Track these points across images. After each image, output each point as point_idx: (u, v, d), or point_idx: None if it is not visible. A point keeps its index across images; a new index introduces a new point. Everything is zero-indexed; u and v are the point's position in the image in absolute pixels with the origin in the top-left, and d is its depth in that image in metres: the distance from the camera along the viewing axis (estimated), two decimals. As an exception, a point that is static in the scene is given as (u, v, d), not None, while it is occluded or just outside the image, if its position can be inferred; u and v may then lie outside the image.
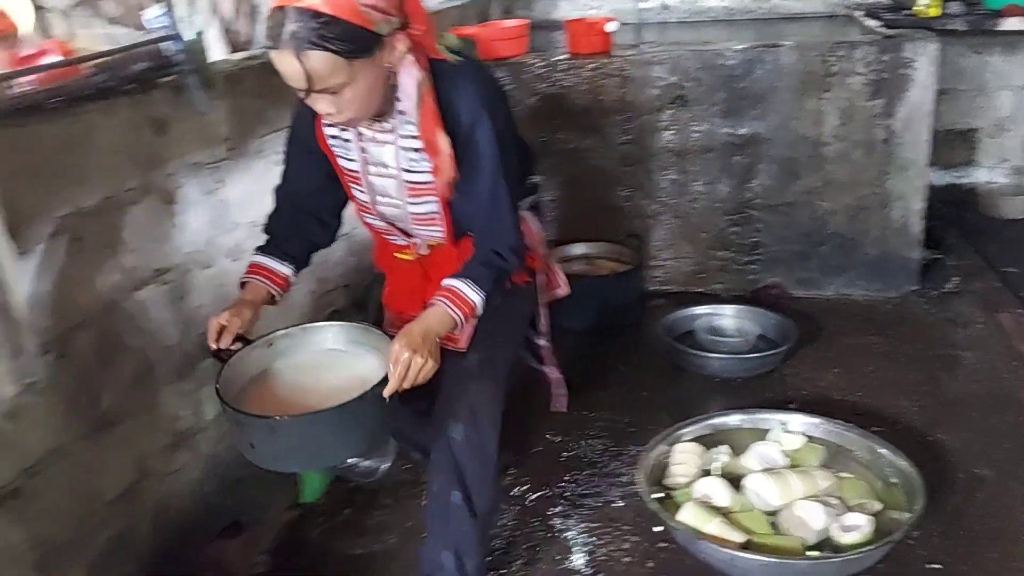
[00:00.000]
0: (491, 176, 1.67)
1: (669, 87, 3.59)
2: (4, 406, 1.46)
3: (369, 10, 1.46)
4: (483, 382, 1.82)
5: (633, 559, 2.24)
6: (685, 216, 3.76)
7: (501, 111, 1.68)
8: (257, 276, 1.81)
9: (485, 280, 1.71)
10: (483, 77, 1.67)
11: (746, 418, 2.58)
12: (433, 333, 1.63)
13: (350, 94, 1.51)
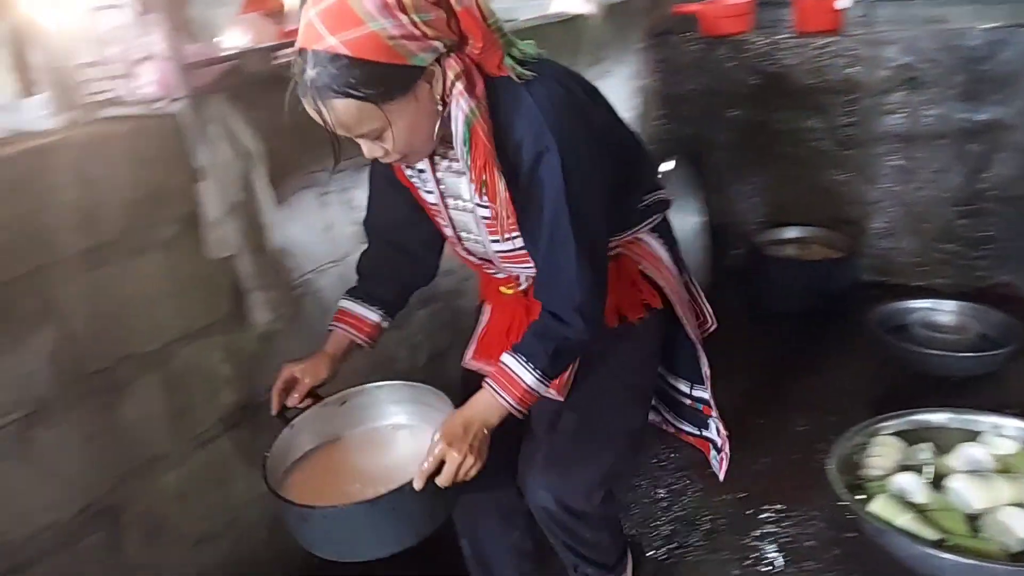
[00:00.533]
0: (552, 218, 1.35)
1: (901, 68, 3.42)
2: (259, 329, 1.72)
3: (402, 42, 1.20)
4: (578, 446, 1.59)
5: (817, 543, 2.23)
6: (908, 205, 3.57)
7: (578, 134, 1.33)
8: (342, 324, 1.61)
9: (540, 355, 1.40)
10: (555, 93, 1.32)
11: (955, 417, 2.45)
12: (478, 424, 1.38)
13: (392, 137, 1.29)
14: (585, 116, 1.36)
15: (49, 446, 1.38)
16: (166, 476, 1.60)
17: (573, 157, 1.31)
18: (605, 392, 1.60)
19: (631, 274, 1.59)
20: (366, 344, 1.63)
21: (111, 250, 1.45)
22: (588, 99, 1.40)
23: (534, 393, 1.41)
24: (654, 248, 1.60)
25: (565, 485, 1.58)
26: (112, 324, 1.47)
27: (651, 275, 1.59)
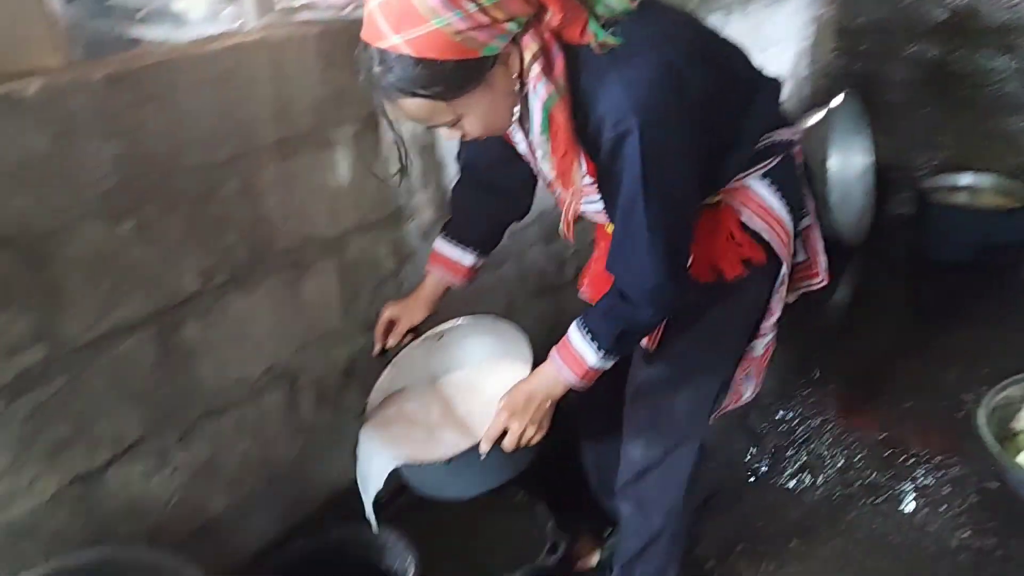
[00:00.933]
0: (628, 203, 1.26)
1: None
2: (425, 226, 1.86)
3: (470, 35, 1.12)
4: (670, 397, 1.58)
5: (954, 489, 2.19)
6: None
7: (666, 113, 1.22)
8: (438, 268, 1.62)
9: (605, 336, 1.35)
10: (643, 66, 1.21)
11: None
12: (540, 397, 1.40)
13: (468, 124, 1.25)
14: (678, 89, 1.22)
15: (242, 311, 1.57)
16: (336, 351, 1.78)
17: (657, 140, 1.21)
18: (694, 347, 1.54)
19: (729, 226, 1.45)
20: (463, 284, 1.64)
21: (301, 143, 1.61)
22: (685, 62, 1.24)
23: (598, 371, 1.39)
24: (762, 195, 1.44)
25: (651, 432, 1.60)
26: (298, 210, 1.64)
27: (755, 227, 1.44)
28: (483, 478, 1.53)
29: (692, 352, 1.54)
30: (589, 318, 1.38)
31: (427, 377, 1.75)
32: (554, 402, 1.42)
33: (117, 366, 1.39)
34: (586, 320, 1.38)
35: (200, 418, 1.54)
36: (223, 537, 1.62)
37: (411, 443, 1.58)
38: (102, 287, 1.35)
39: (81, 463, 1.37)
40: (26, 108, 1.21)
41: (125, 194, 1.35)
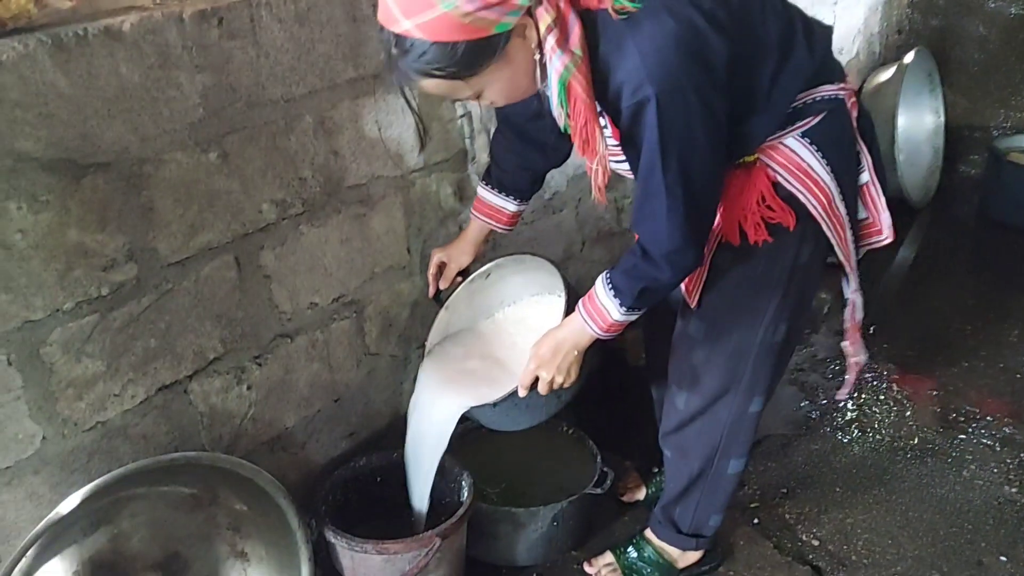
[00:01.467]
0: (647, 170, 1.29)
1: None
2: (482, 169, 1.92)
3: (480, 14, 1.15)
4: (707, 352, 1.61)
5: (1005, 448, 2.20)
6: None
7: (686, 80, 1.22)
8: (481, 215, 1.72)
9: (627, 292, 1.41)
10: (661, 32, 1.20)
11: None
12: (567, 347, 1.49)
13: (490, 96, 1.29)
14: (697, 54, 1.22)
15: (314, 241, 1.67)
16: (401, 284, 1.86)
17: (674, 108, 1.23)
18: (728, 306, 1.56)
19: (760, 188, 1.45)
20: (506, 230, 1.75)
21: (371, 84, 1.68)
22: (705, 25, 1.23)
23: (621, 324, 1.45)
24: (800, 155, 1.43)
25: (693, 385, 1.65)
26: (368, 147, 1.71)
27: (790, 189, 1.44)
28: (528, 415, 1.67)
29: (726, 309, 1.57)
30: (614, 275, 1.43)
31: (482, 314, 1.85)
32: (581, 351, 1.50)
33: (201, 286, 1.50)
34: (611, 276, 1.44)
35: (274, 340, 1.65)
36: (292, 451, 1.74)
37: (466, 383, 1.69)
38: (189, 212, 1.45)
39: (167, 374, 1.49)
40: (123, 42, 1.31)
41: (211, 125, 1.44)
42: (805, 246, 1.51)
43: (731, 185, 1.46)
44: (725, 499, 1.79)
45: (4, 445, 1.31)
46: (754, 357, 1.60)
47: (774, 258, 1.51)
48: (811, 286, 1.60)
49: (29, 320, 1.29)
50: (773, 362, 1.62)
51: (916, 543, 1.94)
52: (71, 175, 1.29)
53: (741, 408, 1.65)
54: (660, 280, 1.41)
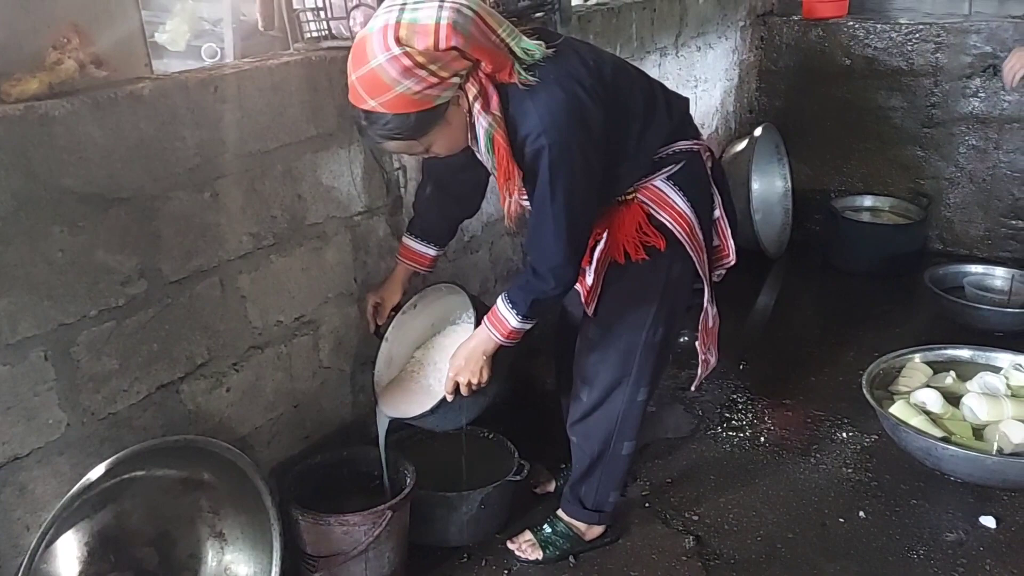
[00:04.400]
0: (540, 201, 1.71)
1: (983, 56, 3.75)
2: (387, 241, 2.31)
3: (426, 93, 1.57)
4: (602, 352, 2.02)
5: (844, 439, 2.70)
6: (980, 182, 3.92)
7: (570, 135, 1.66)
8: (406, 260, 2.12)
9: (521, 303, 1.80)
10: (553, 99, 1.65)
11: (979, 353, 2.87)
12: (477, 354, 1.87)
13: (436, 149, 1.72)
14: (579, 115, 1.66)
15: (280, 269, 2.00)
16: (348, 308, 2.20)
17: (563, 156, 1.65)
18: (617, 313, 1.98)
19: (637, 218, 1.90)
20: (427, 271, 2.15)
21: (328, 140, 2.06)
22: (587, 95, 1.67)
23: (520, 331, 1.84)
24: (667, 194, 1.90)
25: (592, 380, 2.05)
26: (323, 192, 2.07)
27: (660, 219, 1.90)
28: (462, 415, 2.04)
29: (616, 316, 2.00)
30: (511, 291, 1.84)
31: (414, 343, 2.21)
32: (488, 356, 1.89)
33: (193, 302, 1.81)
34: (508, 293, 1.84)
35: (248, 350, 1.96)
36: (259, 448, 2.03)
37: (411, 398, 2.08)
38: (186, 240, 1.78)
39: (164, 375, 1.79)
40: (143, 103, 1.65)
41: (205, 170, 1.79)
42: (675, 264, 1.98)
43: (615, 217, 1.93)
44: (621, 476, 2.19)
45: (38, 428, 1.57)
46: (639, 354, 2.03)
47: (652, 274, 1.97)
48: (682, 296, 2.05)
49: (63, 323, 1.58)
50: (655, 359, 2.06)
51: (774, 513, 2.39)
52: (100, 206, 1.61)
53: (631, 397, 2.07)
54: (546, 291, 1.80)
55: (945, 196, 4.00)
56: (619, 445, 2.13)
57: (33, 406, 1.56)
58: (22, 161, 1.47)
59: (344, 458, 2.15)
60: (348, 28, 2.15)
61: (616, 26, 3.08)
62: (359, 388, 2.28)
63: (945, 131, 3.92)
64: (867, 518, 2.36)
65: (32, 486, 1.59)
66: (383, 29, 1.56)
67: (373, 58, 1.56)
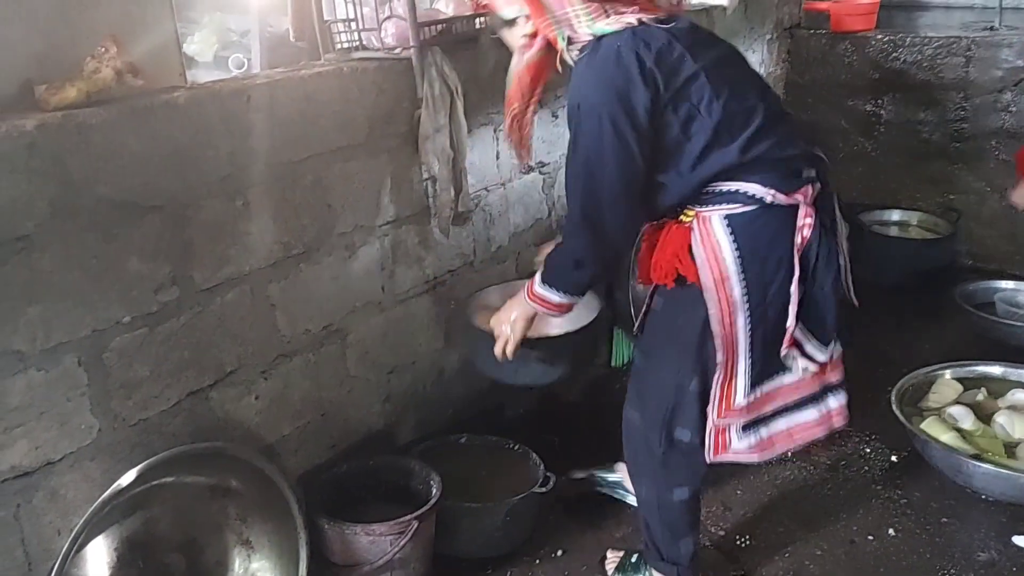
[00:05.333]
0: (568, 152, 1.72)
1: (1014, 70, 3.71)
2: (444, 223, 2.31)
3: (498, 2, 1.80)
4: (639, 383, 1.91)
5: (873, 454, 2.67)
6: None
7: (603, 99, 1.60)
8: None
9: (548, 269, 1.78)
10: (598, 66, 1.62)
11: (1011, 370, 2.83)
12: (511, 310, 1.86)
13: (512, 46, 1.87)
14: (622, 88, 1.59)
15: (310, 277, 2.01)
16: (376, 317, 2.22)
17: (590, 121, 1.61)
18: (656, 342, 1.87)
19: (679, 244, 1.73)
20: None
21: (357, 150, 2.08)
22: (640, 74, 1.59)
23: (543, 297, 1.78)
24: (716, 233, 1.68)
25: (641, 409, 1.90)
26: (352, 202, 2.09)
27: (696, 253, 1.69)
28: (514, 373, 2.03)
29: (656, 347, 1.88)
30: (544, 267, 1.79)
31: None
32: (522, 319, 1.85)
33: (223, 310, 1.83)
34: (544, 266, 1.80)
35: (277, 358, 1.97)
36: (286, 456, 2.04)
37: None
38: (218, 248, 1.79)
39: (194, 382, 1.80)
40: (178, 111, 1.67)
41: (237, 179, 1.80)
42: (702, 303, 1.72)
43: (662, 236, 1.79)
44: (683, 526, 1.97)
45: (70, 433, 1.59)
46: (674, 395, 1.82)
47: (691, 313, 1.75)
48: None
49: (96, 329, 1.60)
50: (690, 402, 1.81)
51: (802, 529, 2.35)
52: (135, 214, 1.63)
53: (668, 437, 1.85)
54: (560, 253, 1.76)
55: (975, 211, 3.95)
56: (668, 493, 1.93)
57: (66, 411, 1.57)
58: (59, 168, 1.49)
59: (370, 467, 2.15)
60: (380, 39, 2.17)
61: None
62: (386, 397, 2.29)
63: (975, 145, 3.88)
64: (897, 536, 2.32)
65: (64, 491, 1.60)
66: None
67: None
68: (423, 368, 2.40)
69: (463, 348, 2.12)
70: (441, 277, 2.41)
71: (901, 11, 4.73)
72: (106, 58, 1.56)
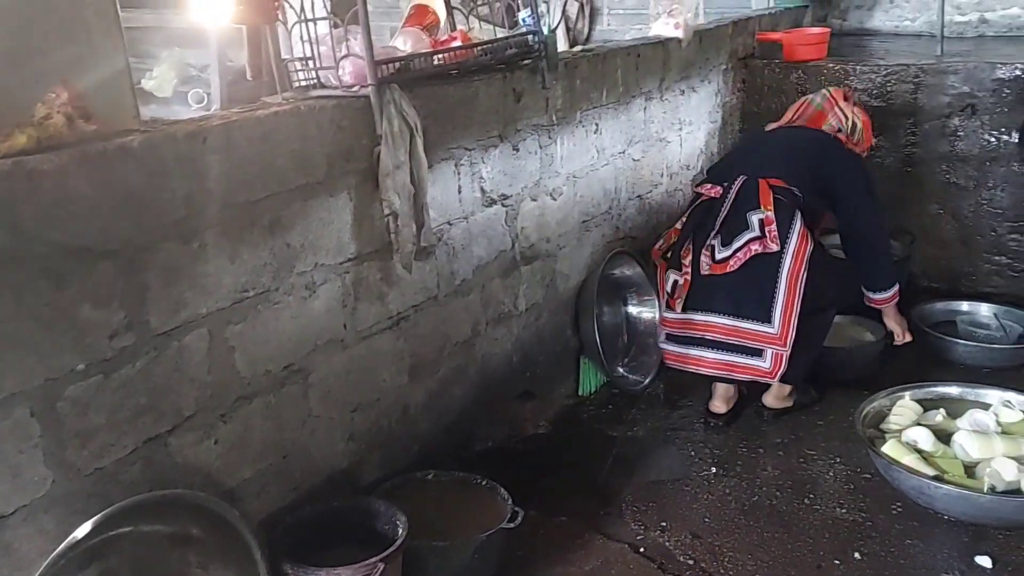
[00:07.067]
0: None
1: (960, 95, 3.82)
2: (406, 259, 2.30)
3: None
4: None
5: (838, 478, 2.69)
6: (962, 219, 3.95)
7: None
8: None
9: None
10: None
11: (968, 391, 2.88)
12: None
13: None
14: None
15: (269, 317, 1.99)
16: (339, 355, 2.19)
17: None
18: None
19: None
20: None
21: (316, 188, 2.06)
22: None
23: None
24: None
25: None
26: (312, 240, 2.07)
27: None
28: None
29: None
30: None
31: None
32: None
33: (181, 354, 1.80)
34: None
35: (236, 401, 1.94)
36: (247, 500, 2.00)
37: None
38: (175, 291, 1.77)
39: (151, 428, 1.76)
40: (132, 155, 1.65)
41: (194, 221, 1.78)
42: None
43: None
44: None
45: (23, 486, 1.55)
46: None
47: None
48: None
49: (49, 378, 1.56)
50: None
51: (769, 555, 2.36)
52: (88, 260, 1.60)
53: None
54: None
55: (929, 233, 4.04)
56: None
57: (18, 463, 1.54)
58: (9, 216, 1.47)
59: (334, 509, 2.12)
60: (337, 77, 2.17)
61: (602, 72, 3.11)
62: (349, 436, 2.26)
63: (927, 169, 3.97)
64: (862, 559, 2.34)
65: (17, 545, 1.56)
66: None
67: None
68: (387, 405, 2.38)
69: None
70: (405, 312, 2.39)
71: (851, 38, 4.87)
72: (57, 104, 1.54)
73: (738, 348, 2.81)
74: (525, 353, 2.94)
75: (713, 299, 2.83)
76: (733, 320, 2.80)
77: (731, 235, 2.80)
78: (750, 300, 2.78)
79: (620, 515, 2.54)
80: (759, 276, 2.76)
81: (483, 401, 2.76)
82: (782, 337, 2.75)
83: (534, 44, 2.65)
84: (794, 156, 2.99)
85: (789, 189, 2.83)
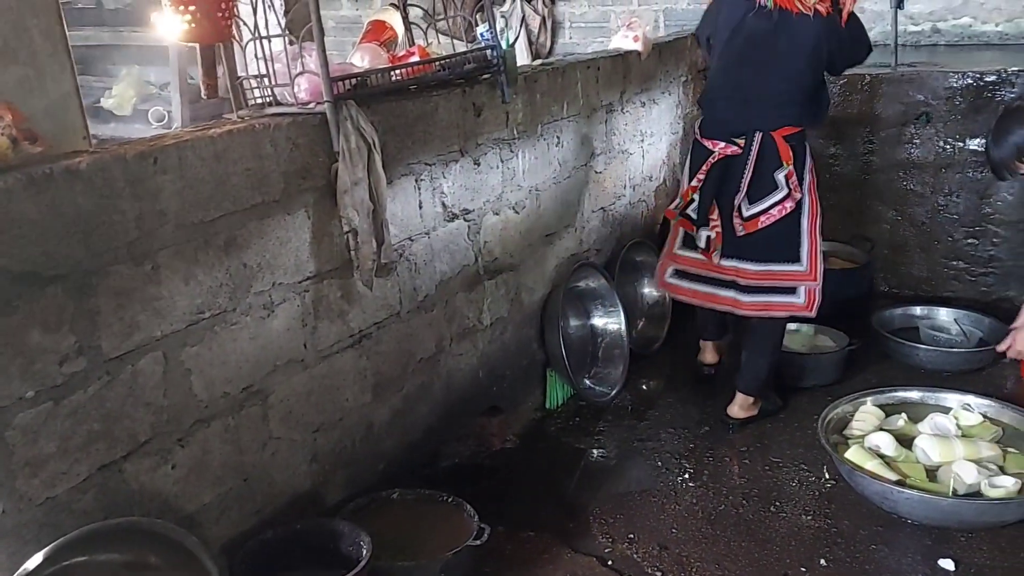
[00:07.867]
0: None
1: (915, 104, 3.88)
2: (367, 275, 2.28)
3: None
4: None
5: (803, 485, 2.71)
6: (920, 225, 4.02)
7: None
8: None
9: None
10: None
11: (928, 395, 2.92)
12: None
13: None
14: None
15: (227, 339, 1.96)
16: (300, 375, 2.17)
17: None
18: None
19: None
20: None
21: (273, 207, 2.04)
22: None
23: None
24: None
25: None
26: (269, 259, 2.05)
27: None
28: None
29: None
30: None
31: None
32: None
33: (135, 378, 1.76)
34: None
35: (194, 424, 1.91)
36: (207, 525, 1.97)
37: None
38: (127, 315, 1.73)
39: (106, 455, 1.72)
40: (80, 177, 1.62)
41: (145, 243, 1.75)
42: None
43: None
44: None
45: (-30, 518, 1.51)
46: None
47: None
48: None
49: (-3, 407, 1.53)
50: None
51: (737, 565, 2.37)
52: (36, 285, 1.57)
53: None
54: None
55: (887, 239, 4.10)
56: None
57: (-35, 496, 1.49)
58: (-48, 242, 1.43)
59: (297, 532, 2.08)
60: (293, 95, 2.16)
61: (562, 85, 3.13)
62: (312, 456, 2.24)
63: (884, 177, 4.04)
64: (828, 566, 2.35)
65: (-36, 580, 1.51)
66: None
67: None
68: (351, 424, 2.35)
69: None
70: (367, 330, 2.37)
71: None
72: (1, 126, 1.51)
73: (772, 289, 2.97)
74: (491, 368, 2.92)
75: (743, 249, 2.96)
76: (765, 265, 2.95)
77: (759, 194, 2.90)
78: (779, 245, 2.93)
79: (588, 528, 2.54)
80: (784, 221, 2.91)
81: (449, 417, 2.74)
82: (812, 272, 2.93)
83: (493, 58, 2.66)
84: (795, 85, 2.90)
85: (799, 132, 2.94)
